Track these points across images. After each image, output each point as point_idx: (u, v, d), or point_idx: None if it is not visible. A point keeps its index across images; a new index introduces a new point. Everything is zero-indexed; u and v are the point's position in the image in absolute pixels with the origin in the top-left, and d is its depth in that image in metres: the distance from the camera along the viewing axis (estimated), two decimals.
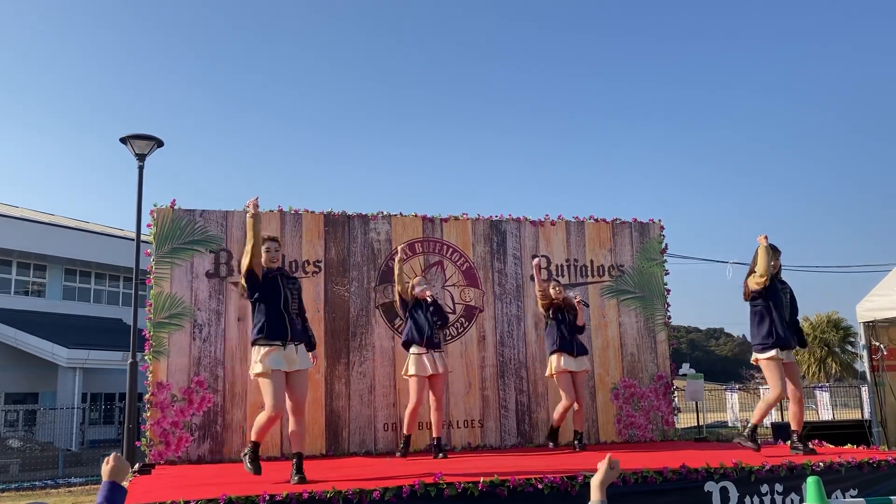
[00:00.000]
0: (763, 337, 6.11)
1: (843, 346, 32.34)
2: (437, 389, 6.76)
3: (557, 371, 7.02)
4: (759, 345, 6.15)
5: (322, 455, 7.30)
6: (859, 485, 5.32)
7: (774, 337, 6.05)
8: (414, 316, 6.75)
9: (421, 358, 6.65)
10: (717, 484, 4.92)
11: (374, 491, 4.29)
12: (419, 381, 6.65)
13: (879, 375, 10.65)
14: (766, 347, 6.10)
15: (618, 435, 8.16)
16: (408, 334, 6.76)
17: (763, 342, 6.11)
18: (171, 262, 7.34)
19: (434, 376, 6.70)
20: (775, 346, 6.05)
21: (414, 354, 6.71)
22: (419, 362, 6.65)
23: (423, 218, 8.15)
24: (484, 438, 7.82)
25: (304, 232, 7.74)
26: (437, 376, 6.71)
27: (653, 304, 8.55)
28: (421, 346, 6.66)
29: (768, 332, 6.09)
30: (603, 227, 8.61)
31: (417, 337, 6.68)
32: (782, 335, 6.05)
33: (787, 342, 6.10)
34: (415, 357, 6.70)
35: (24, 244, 23.50)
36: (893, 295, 10.28)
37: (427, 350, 6.65)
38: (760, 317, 6.17)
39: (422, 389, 6.66)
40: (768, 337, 6.08)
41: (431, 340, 6.71)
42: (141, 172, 12.03)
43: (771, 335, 6.07)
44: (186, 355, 7.21)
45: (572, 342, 7.08)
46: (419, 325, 6.71)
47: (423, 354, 6.65)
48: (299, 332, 5.24)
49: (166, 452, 6.99)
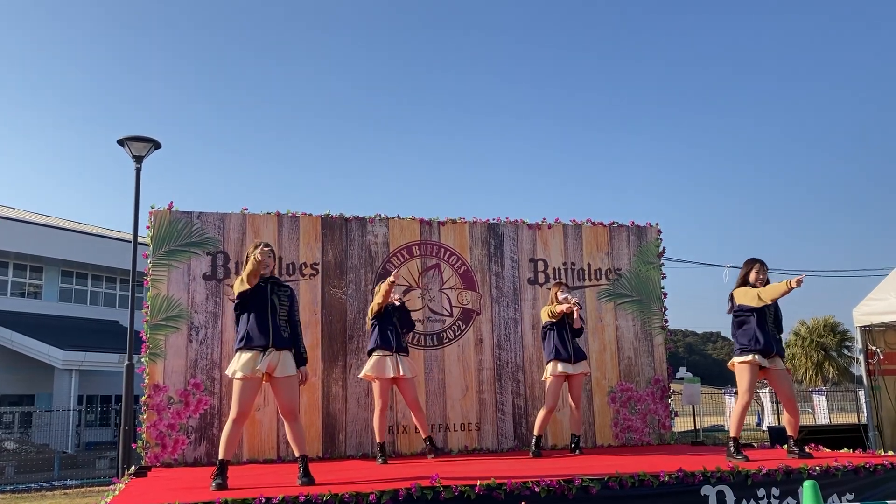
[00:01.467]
0: (744, 343, 6.06)
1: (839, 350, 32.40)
2: (408, 393, 6.74)
3: (552, 374, 7.00)
4: (739, 348, 6.09)
5: (319, 458, 7.28)
6: (856, 489, 5.32)
7: (755, 342, 5.98)
8: (381, 323, 6.71)
9: (383, 360, 6.62)
10: (714, 488, 4.92)
11: (371, 494, 4.28)
12: (381, 385, 6.63)
13: (876, 379, 10.66)
14: (745, 351, 6.03)
15: (615, 438, 8.15)
16: (375, 341, 6.71)
17: (743, 346, 6.05)
18: (168, 264, 7.33)
19: (401, 381, 6.68)
20: (755, 351, 5.98)
21: (376, 356, 6.66)
22: (379, 363, 6.62)
23: (421, 221, 8.15)
24: (481, 442, 7.82)
25: (301, 234, 7.74)
26: (404, 381, 6.68)
27: (650, 308, 8.55)
28: (387, 350, 6.64)
29: (750, 337, 6.03)
30: (600, 231, 8.62)
31: (382, 343, 6.65)
32: (762, 341, 5.97)
33: (769, 348, 6.01)
34: (376, 358, 6.65)
35: (21, 245, 23.46)
36: (890, 299, 10.29)
37: (392, 354, 6.64)
38: (744, 324, 6.10)
39: (385, 393, 6.64)
40: (750, 342, 6.01)
41: (400, 345, 6.72)
42: (138, 174, 12.02)
43: (753, 340, 6.00)
44: (183, 357, 7.20)
45: (570, 349, 7.03)
46: (385, 332, 6.68)
47: (386, 356, 6.62)
48: (285, 340, 5.13)
49: (162, 455, 6.98)
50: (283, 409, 5.13)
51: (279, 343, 5.09)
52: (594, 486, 4.68)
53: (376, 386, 6.70)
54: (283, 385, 5.09)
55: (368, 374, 6.71)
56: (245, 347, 5.05)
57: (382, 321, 6.73)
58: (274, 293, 5.19)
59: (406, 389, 6.75)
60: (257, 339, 5.04)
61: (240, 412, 5.00)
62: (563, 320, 7.08)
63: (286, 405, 5.10)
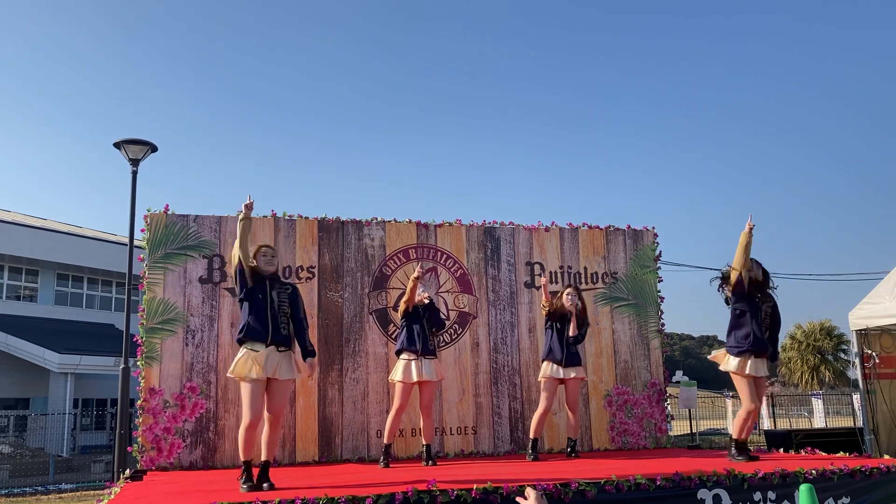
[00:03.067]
0: (739, 339, 6.09)
1: (836, 354, 32.43)
2: (426, 396, 6.70)
3: (545, 376, 6.98)
4: (734, 346, 6.12)
5: (315, 462, 7.28)
6: (851, 492, 5.32)
7: (750, 340, 6.01)
8: (409, 323, 6.71)
9: (409, 364, 6.60)
10: (710, 491, 4.92)
11: (367, 498, 4.27)
12: (404, 388, 6.61)
13: (871, 383, 10.67)
14: (741, 351, 6.06)
15: (611, 442, 8.15)
16: (402, 342, 6.71)
17: (738, 344, 6.08)
18: (164, 267, 7.32)
19: (423, 383, 6.64)
20: (748, 351, 6.02)
21: (403, 360, 6.66)
22: (406, 368, 6.61)
23: (418, 224, 8.14)
24: (477, 445, 7.81)
25: (297, 238, 7.73)
26: (426, 383, 6.64)
27: (646, 312, 8.55)
28: (413, 353, 6.63)
29: (745, 334, 6.05)
30: (597, 234, 8.62)
31: (408, 345, 6.64)
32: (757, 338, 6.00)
33: (762, 347, 6.05)
34: (404, 363, 6.64)
35: (16, 249, 23.40)
36: (886, 303, 10.31)
37: (418, 357, 6.62)
38: (739, 318, 6.12)
39: (405, 395, 6.61)
40: (744, 339, 6.04)
41: (426, 347, 6.67)
42: (134, 177, 12.01)
43: (747, 337, 6.03)
44: (179, 361, 7.18)
45: (563, 352, 7.00)
46: (413, 332, 6.67)
47: (412, 361, 6.61)
48: (285, 337, 5.15)
49: (158, 458, 6.96)
50: (270, 410, 5.11)
51: (279, 339, 5.10)
52: (591, 489, 4.68)
53: (398, 387, 6.65)
54: (279, 388, 5.11)
55: (394, 380, 6.68)
56: (245, 339, 5.09)
57: (411, 321, 6.71)
58: (274, 289, 5.21)
59: (425, 392, 6.69)
60: (257, 333, 5.06)
61: (254, 415, 5.00)
62: (561, 323, 7.04)
63: (275, 407, 5.12)
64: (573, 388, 7.10)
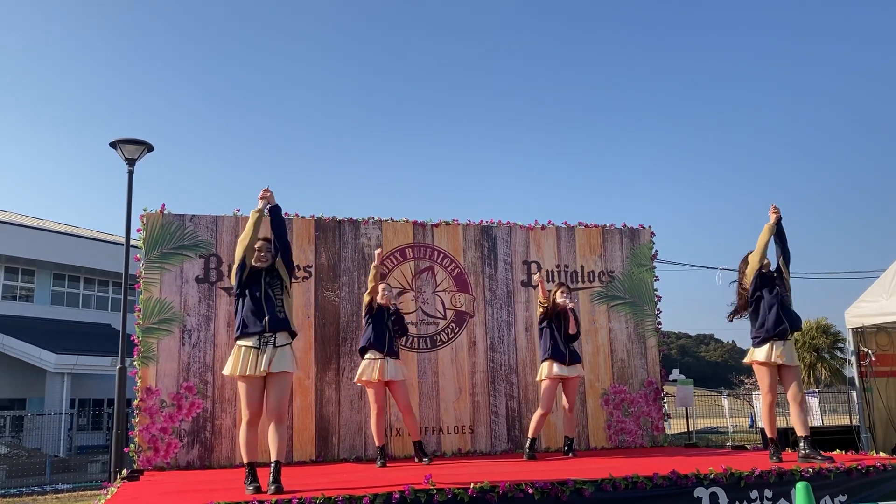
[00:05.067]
0: (756, 330, 6.02)
1: (832, 352, 32.45)
2: (400, 396, 6.75)
3: (547, 377, 6.98)
4: (754, 338, 6.06)
5: (312, 461, 7.27)
6: (848, 490, 5.34)
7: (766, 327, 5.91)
8: (375, 322, 6.73)
9: (374, 363, 6.63)
10: (707, 490, 4.92)
11: (364, 497, 4.27)
12: (375, 389, 6.65)
13: (868, 381, 10.70)
14: (759, 341, 5.99)
15: (608, 441, 8.16)
16: (367, 340, 6.73)
17: (756, 335, 6.03)
18: (161, 266, 7.31)
19: (392, 384, 6.70)
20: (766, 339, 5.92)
21: (368, 359, 6.68)
22: (371, 368, 6.63)
23: (414, 223, 8.14)
24: (474, 444, 7.81)
25: (294, 237, 7.71)
26: (395, 384, 6.70)
27: (643, 310, 8.56)
28: (378, 352, 6.65)
29: (760, 323, 5.99)
30: (593, 233, 8.62)
31: (375, 343, 6.67)
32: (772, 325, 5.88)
33: (782, 330, 5.88)
34: (368, 362, 6.67)
35: (13, 248, 23.35)
36: (882, 301, 10.33)
37: (384, 357, 6.64)
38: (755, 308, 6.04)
39: (379, 396, 6.66)
40: (761, 328, 5.97)
41: (391, 349, 6.72)
42: (131, 177, 11.97)
43: (763, 325, 5.95)
44: (175, 361, 7.17)
45: (566, 350, 7.03)
46: (379, 331, 6.70)
47: (377, 360, 6.63)
48: (281, 322, 5.00)
49: (155, 458, 6.95)
50: (268, 407, 4.92)
51: (275, 324, 4.96)
52: (587, 488, 4.69)
53: (370, 391, 6.72)
54: (276, 381, 4.92)
55: (361, 380, 6.73)
56: (242, 335, 4.99)
57: (377, 320, 6.74)
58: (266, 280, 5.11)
59: (397, 393, 6.76)
60: (251, 325, 4.95)
61: (251, 413, 4.92)
62: (559, 322, 7.06)
63: (274, 403, 4.90)
64: (573, 387, 7.15)
